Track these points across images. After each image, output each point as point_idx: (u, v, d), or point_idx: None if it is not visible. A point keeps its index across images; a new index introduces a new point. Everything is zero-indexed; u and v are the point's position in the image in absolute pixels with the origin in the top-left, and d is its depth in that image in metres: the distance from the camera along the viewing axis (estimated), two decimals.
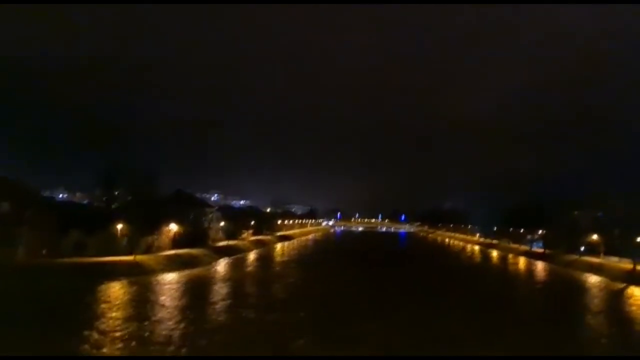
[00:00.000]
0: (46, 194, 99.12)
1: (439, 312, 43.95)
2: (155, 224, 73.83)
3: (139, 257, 65.36)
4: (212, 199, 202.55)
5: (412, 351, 30.26)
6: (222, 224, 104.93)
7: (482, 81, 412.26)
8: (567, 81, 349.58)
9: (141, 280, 55.58)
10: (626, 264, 74.36)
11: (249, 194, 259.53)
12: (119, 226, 66.54)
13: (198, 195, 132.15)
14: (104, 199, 77.00)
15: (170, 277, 59.82)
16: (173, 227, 79.62)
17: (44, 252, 61.27)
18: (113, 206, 75.27)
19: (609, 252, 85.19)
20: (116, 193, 77.06)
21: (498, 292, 60.69)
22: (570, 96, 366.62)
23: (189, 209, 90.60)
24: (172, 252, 74.76)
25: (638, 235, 74.00)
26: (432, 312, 43.96)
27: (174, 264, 68.01)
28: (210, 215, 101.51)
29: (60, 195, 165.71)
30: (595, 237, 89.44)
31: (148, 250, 72.14)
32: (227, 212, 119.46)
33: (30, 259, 58.10)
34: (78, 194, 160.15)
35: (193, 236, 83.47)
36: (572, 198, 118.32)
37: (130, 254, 65.46)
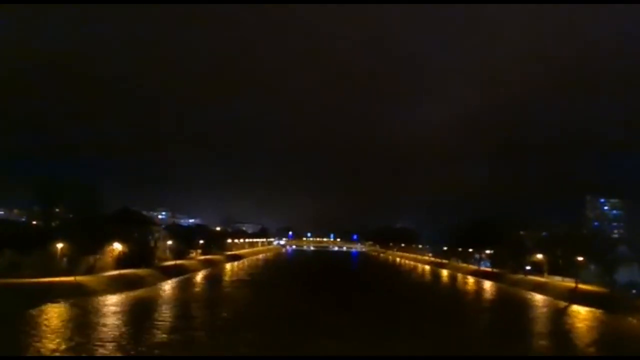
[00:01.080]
0: None
1: (387, 331, 43.69)
2: (98, 242, 70.54)
3: (80, 278, 61.99)
4: (160, 217, 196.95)
5: None
6: (169, 242, 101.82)
7: (435, 100, 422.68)
8: (519, 102, 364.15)
9: (82, 302, 52.46)
10: (569, 283, 76.83)
11: (199, 212, 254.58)
12: (59, 245, 63.07)
13: (145, 212, 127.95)
14: (42, 216, 73.09)
15: (113, 299, 56.92)
16: (117, 246, 76.29)
17: None
18: (53, 224, 71.56)
19: (553, 272, 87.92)
20: (56, 210, 73.37)
21: (447, 312, 61.26)
22: (521, 117, 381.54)
23: (134, 227, 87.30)
24: (116, 272, 71.49)
25: (579, 255, 76.72)
26: (380, 331, 43.60)
27: (117, 284, 64.93)
28: (157, 234, 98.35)
29: None
30: (540, 256, 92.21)
31: (90, 270, 68.61)
32: (175, 231, 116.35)
33: None
34: (15, 211, 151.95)
35: (139, 256, 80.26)
36: (519, 218, 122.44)
37: (70, 274, 62.01)
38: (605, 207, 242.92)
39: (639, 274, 71.14)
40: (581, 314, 60.27)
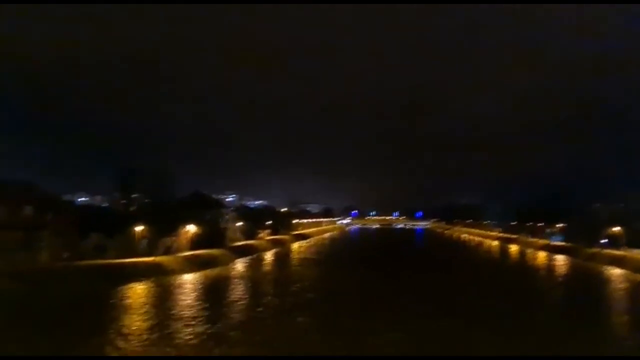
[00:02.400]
0: (66, 198, 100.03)
1: (458, 312, 43.44)
2: (174, 225, 74.42)
3: (159, 258, 65.88)
4: (228, 199, 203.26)
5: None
6: (239, 224, 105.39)
7: (499, 74, 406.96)
8: (586, 73, 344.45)
9: (162, 280, 56.07)
10: None
11: (265, 194, 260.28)
12: (138, 228, 67.03)
13: (214, 196, 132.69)
14: (122, 201, 77.80)
15: (190, 278, 60.25)
16: (191, 228, 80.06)
17: (65, 255, 62.07)
18: (131, 208, 76.06)
19: (632, 244, 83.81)
20: (134, 196, 77.88)
21: (518, 289, 59.70)
22: (588, 88, 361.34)
23: (206, 210, 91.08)
24: (191, 253, 75.18)
25: None
26: (451, 310, 43.55)
27: (193, 264, 68.43)
28: (227, 216, 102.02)
29: (80, 199, 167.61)
30: (617, 229, 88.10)
31: (167, 251, 72.66)
32: (244, 212, 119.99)
33: (52, 262, 58.90)
34: (97, 197, 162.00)
35: (211, 237, 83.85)
36: (592, 190, 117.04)
37: (150, 255, 66.00)
38: None
39: None
40: None
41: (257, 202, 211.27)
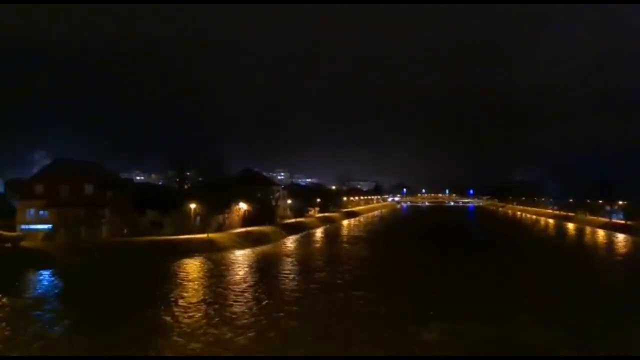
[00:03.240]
0: (124, 176, 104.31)
1: (511, 296, 42.51)
2: (226, 203, 76.14)
3: (212, 235, 67.80)
4: (279, 177, 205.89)
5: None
6: (289, 201, 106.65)
7: (561, 47, 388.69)
8: None
9: (215, 256, 57.81)
10: None
11: (315, 172, 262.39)
12: (192, 205, 69.07)
13: (265, 174, 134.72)
14: (176, 180, 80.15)
15: (242, 253, 61.78)
16: (242, 206, 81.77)
17: (125, 231, 65.03)
18: (185, 187, 78.31)
19: None
20: (188, 174, 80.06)
21: (576, 269, 57.72)
22: None
23: (256, 188, 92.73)
24: (243, 229, 76.89)
25: None
26: (502, 295, 42.73)
27: (245, 240, 70.03)
28: (277, 194, 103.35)
29: (137, 177, 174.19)
30: None
31: (220, 228, 74.62)
32: (294, 190, 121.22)
33: (113, 238, 61.90)
34: (153, 176, 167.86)
35: (262, 214, 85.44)
36: None
37: (203, 232, 68.02)
38: None
39: None
40: None
41: (307, 180, 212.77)
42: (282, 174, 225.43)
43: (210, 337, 26.64)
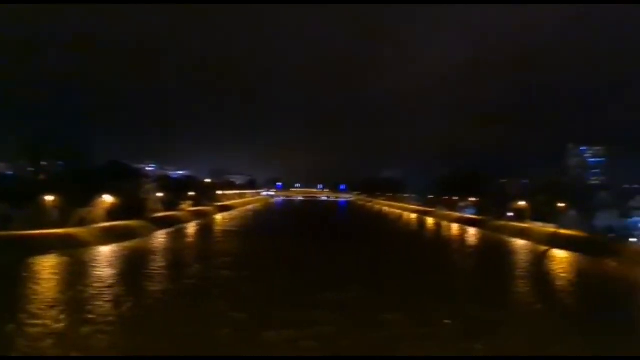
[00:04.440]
0: None
1: (369, 277, 45.46)
2: (89, 195, 71.11)
3: (72, 230, 62.90)
4: (148, 169, 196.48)
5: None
6: (160, 194, 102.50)
7: (426, 54, 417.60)
8: (509, 61, 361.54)
9: (75, 253, 53.61)
10: (550, 228, 79.40)
11: (187, 164, 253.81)
12: (49, 198, 63.39)
13: (133, 165, 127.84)
14: (30, 169, 73.08)
15: (107, 250, 58.14)
16: (108, 199, 76.93)
17: None
18: (41, 177, 71.74)
19: (535, 218, 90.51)
20: (43, 163, 73.40)
21: (430, 256, 63.50)
22: (510, 77, 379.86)
23: (124, 180, 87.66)
24: (108, 224, 72.39)
25: (560, 202, 78.97)
26: (360, 277, 45.37)
27: (110, 236, 66.01)
28: (147, 186, 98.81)
29: None
30: (522, 203, 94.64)
31: (81, 222, 69.38)
32: (165, 183, 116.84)
33: None
34: (1, 165, 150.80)
35: (130, 207, 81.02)
36: (503, 167, 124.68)
37: (62, 226, 62.82)
38: (587, 155, 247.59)
39: (617, 219, 73.67)
40: (560, 257, 62.79)
41: (179, 172, 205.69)
42: (152, 165, 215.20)
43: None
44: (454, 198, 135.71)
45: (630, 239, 65.63)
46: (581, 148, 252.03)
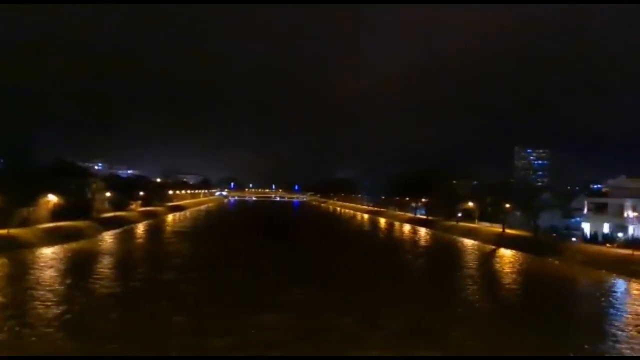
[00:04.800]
0: None
1: (322, 276, 45.76)
2: (32, 194, 68.05)
3: (13, 231, 60.05)
4: (96, 167, 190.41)
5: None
6: (107, 194, 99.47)
7: (380, 57, 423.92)
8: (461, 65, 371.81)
9: (16, 254, 51.24)
10: (497, 228, 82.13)
11: (137, 163, 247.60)
12: None
13: (80, 164, 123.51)
14: None
15: (50, 251, 55.82)
16: (52, 198, 74.01)
17: None
18: None
19: (483, 218, 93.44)
20: None
21: (381, 255, 64.45)
22: (458, 76, 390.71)
23: (70, 179, 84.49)
24: (52, 224, 69.63)
25: (506, 202, 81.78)
26: (312, 275, 45.63)
27: (54, 237, 63.47)
28: (94, 185, 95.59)
29: None
30: (471, 204, 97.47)
31: (24, 223, 66.40)
32: (114, 182, 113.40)
33: None
34: None
35: (76, 208, 78.19)
36: (452, 169, 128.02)
37: (2, 227, 59.89)
38: (532, 157, 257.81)
39: (560, 219, 77.03)
40: (506, 256, 65.10)
41: (129, 171, 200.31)
42: (100, 164, 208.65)
43: None
44: (406, 199, 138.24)
45: (572, 239, 68.83)
46: (527, 150, 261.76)
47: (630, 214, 64.80)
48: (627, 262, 51.69)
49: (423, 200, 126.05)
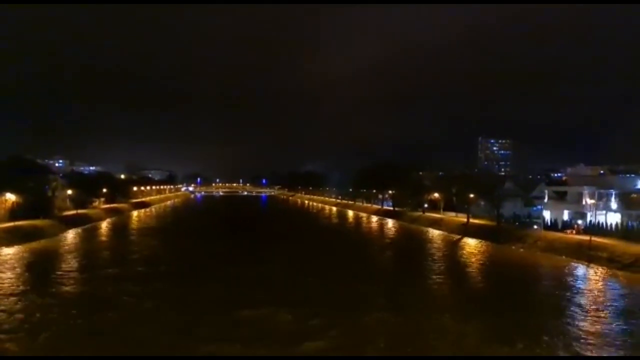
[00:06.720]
0: None
1: (296, 266, 45.89)
2: None
3: None
4: (57, 165, 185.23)
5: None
6: (69, 192, 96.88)
7: (343, 51, 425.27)
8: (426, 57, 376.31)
9: None
10: (462, 218, 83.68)
11: (100, 160, 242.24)
12: None
13: (39, 161, 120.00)
14: None
15: (9, 251, 54.06)
16: (10, 197, 71.66)
17: None
18: None
19: (448, 208, 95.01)
20: None
21: (350, 246, 64.97)
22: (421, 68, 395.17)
23: (29, 176, 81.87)
24: (11, 224, 67.36)
25: (470, 192, 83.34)
26: (286, 266, 45.70)
27: (13, 236, 61.45)
28: (54, 183, 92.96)
29: None
30: (436, 195, 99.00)
31: None
32: (75, 179, 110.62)
33: None
34: None
35: (35, 206, 75.89)
36: (418, 160, 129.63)
37: None
38: (495, 148, 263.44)
39: (521, 208, 79.03)
40: (471, 245, 66.51)
41: (91, 168, 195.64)
42: (61, 161, 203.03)
43: None
44: (373, 191, 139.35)
45: (534, 226, 70.76)
46: (491, 141, 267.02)
47: (588, 201, 67.03)
48: (585, 248, 53.49)
49: (390, 192, 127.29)
